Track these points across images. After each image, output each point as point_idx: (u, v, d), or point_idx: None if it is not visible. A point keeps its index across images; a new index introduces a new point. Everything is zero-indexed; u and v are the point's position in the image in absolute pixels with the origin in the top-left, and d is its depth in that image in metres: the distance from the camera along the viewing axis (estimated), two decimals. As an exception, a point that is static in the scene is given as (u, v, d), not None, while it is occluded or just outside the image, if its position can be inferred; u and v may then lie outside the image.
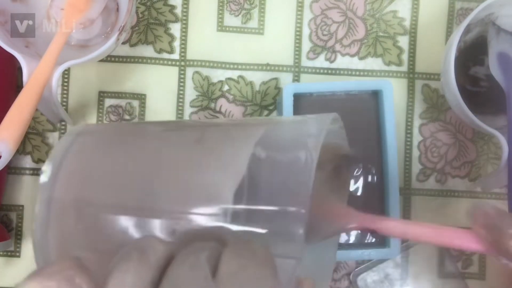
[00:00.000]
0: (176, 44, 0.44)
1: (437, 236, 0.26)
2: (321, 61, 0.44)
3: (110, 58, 0.43)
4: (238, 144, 0.27)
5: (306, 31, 0.44)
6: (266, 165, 0.26)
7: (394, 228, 0.27)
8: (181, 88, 0.44)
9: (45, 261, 0.26)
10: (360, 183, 0.39)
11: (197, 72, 0.44)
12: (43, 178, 0.27)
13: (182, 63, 0.44)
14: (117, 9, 0.42)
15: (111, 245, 0.25)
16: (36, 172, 0.43)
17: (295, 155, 0.25)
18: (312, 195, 0.23)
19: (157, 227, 0.25)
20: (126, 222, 0.25)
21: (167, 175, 0.26)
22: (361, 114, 0.39)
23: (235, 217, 0.24)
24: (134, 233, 0.25)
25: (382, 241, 0.39)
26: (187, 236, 0.24)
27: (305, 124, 0.28)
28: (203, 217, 0.24)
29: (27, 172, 0.43)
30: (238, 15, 0.44)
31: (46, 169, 0.27)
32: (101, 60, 0.42)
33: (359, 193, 0.39)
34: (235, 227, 0.24)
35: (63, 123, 0.44)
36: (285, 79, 0.44)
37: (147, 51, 0.44)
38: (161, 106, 0.44)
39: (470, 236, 0.26)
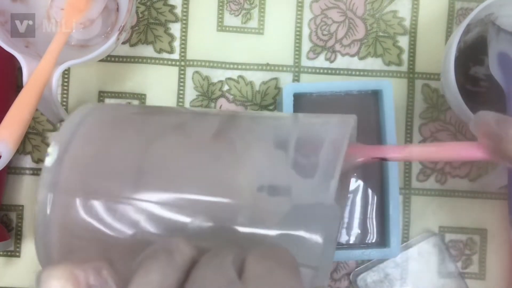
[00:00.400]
0: (176, 44, 0.44)
1: (442, 151, 0.28)
2: (321, 61, 0.44)
3: (110, 58, 0.43)
4: (256, 142, 0.26)
5: (306, 31, 0.44)
6: (286, 166, 0.25)
7: (400, 152, 0.29)
8: (181, 88, 0.44)
9: (47, 252, 0.25)
10: (360, 183, 0.39)
11: (197, 72, 0.44)
12: (48, 161, 0.25)
13: (182, 63, 0.44)
14: (117, 9, 0.42)
15: (121, 237, 0.24)
16: (36, 172, 0.43)
17: (317, 160, 0.24)
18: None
19: (171, 220, 0.24)
20: (138, 213, 0.24)
21: (183, 167, 0.25)
22: (361, 114, 0.39)
23: (252, 218, 0.23)
24: (145, 225, 0.24)
25: (382, 241, 0.39)
26: (204, 235, 0.23)
27: (327, 129, 0.27)
28: (219, 214, 0.23)
29: (27, 172, 0.43)
30: (238, 15, 0.44)
31: (52, 152, 0.25)
32: (101, 60, 0.42)
33: (359, 193, 0.39)
34: (249, 230, 0.23)
35: (63, 123, 0.44)
36: (285, 79, 0.44)
37: (147, 51, 0.44)
38: (161, 106, 0.44)
39: (474, 146, 0.27)
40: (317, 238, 0.22)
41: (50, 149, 0.25)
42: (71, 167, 0.25)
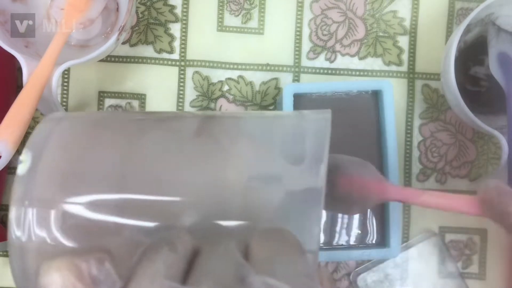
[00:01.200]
0: (176, 44, 0.44)
1: (445, 204, 0.30)
2: (321, 61, 0.44)
3: (110, 58, 0.43)
4: (241, 136, 0.26)
5: (306, 31, 0.44)
6: (274, 155, 0.25)
7: (412, 199, 0.31)
8: (181, 88, 0.44)
9: (23, 266, 0.23)
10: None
11: (197, 72, 0.44)
12: (22, 169, 0.24)
13: (182, 63, 0.44)
14: (117, 9, 0.42)
15: (106, 247, 0.23)
16: (36, 172, 0.43)
17: (303, 148, 0.25)
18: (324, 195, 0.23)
19: (160, 220, 0.23)
20: (124, 217, 0.23)
21: (166, 166, 0.25)
22: (361, 114, 0.39)
23: (246, 210, 0.23)
24: (132, 227, 0.23)
25: (382, 241, 0.39)
26: (197, 233, 0.23)
27: (308, 121, 0.27)
28: (211, 209, 0.23)
29: (27, 172, 0.43)
30: (238, 15, 0.44)
31: (25, 159, 0.24)
32: (101, 60, 0.42)
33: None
34: (245, 222, 0.23)
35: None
36: (285, 79, 0.44)
37: (147, 51, 0.44)
38: (161, 106, 0.44)
39: (477, 205, 0.29)
40: (313, 222, 0.22)
41: (22, 157, 0.24)
42: (48, 174, 0.24)
